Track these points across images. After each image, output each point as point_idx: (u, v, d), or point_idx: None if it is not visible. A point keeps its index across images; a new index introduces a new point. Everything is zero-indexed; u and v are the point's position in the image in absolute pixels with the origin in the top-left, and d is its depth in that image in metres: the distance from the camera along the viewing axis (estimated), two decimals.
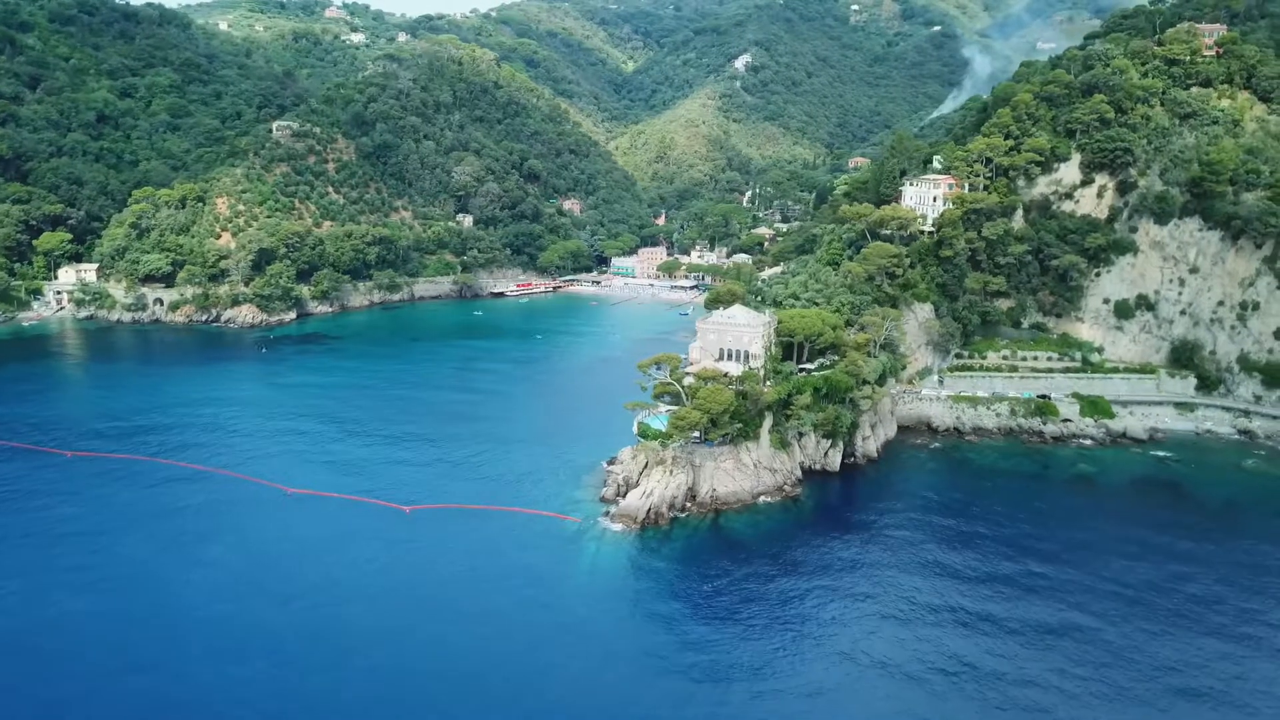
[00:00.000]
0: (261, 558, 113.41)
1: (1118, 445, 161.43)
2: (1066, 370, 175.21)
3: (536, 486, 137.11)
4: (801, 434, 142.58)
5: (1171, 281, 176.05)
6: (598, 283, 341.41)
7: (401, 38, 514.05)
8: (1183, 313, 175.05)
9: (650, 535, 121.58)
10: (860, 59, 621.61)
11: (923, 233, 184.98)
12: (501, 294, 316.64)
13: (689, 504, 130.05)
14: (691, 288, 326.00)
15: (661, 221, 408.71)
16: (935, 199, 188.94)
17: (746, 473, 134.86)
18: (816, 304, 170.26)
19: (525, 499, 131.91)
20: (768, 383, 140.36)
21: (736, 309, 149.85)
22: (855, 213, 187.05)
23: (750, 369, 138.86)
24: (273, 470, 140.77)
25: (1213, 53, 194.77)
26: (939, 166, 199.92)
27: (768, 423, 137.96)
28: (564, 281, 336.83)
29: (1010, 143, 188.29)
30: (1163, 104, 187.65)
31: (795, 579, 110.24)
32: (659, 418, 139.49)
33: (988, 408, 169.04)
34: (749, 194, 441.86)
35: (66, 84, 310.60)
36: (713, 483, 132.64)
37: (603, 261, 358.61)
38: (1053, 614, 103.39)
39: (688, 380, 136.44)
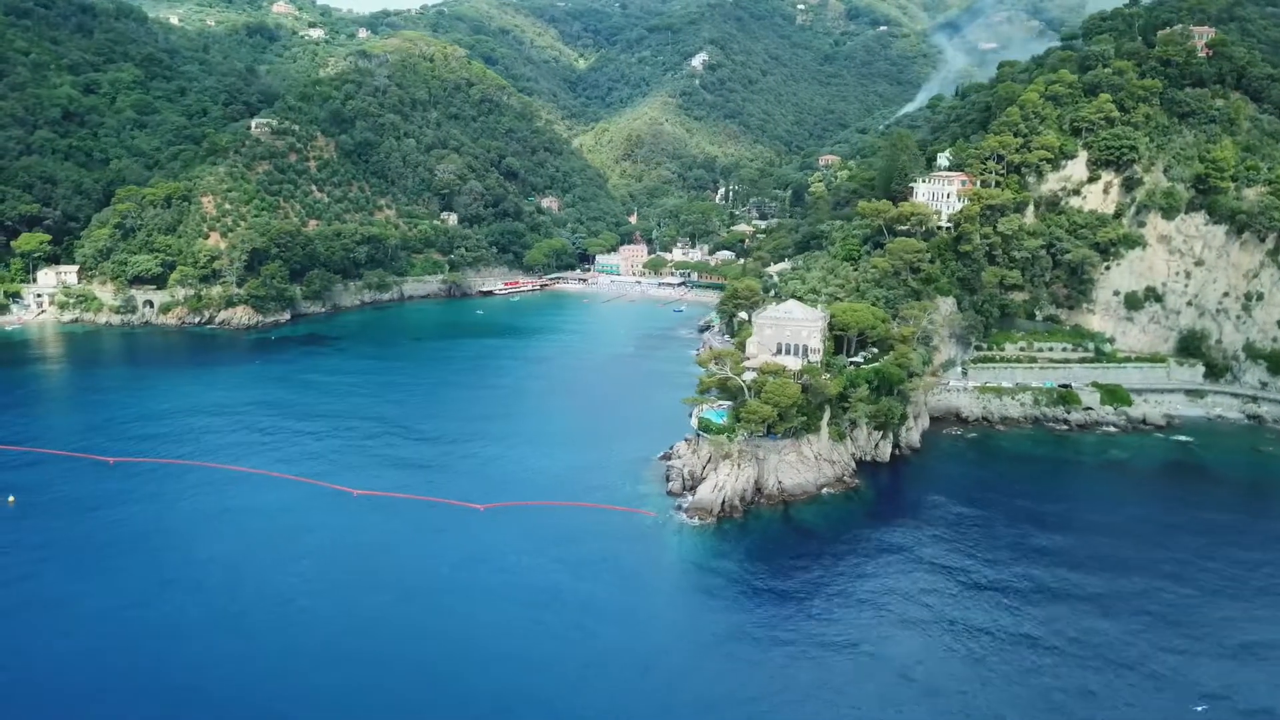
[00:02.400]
0: (356, 560, 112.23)
1: (1139, 431, 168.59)
2: (1082, 360, 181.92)
3: (598, 482, 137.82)
4: (854, 425, 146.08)
5: (1178, 274, 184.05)
6: (584, 280, 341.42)
7: (362, 34, 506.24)
8: (1189, 303, 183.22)
9: (728, 527, 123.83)
10: (811, 58, 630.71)
11: (939, 228, 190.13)
12: (490, 292, 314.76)
13: (758, 496, 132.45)
14: (679, 284, 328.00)
15: (634, 219, 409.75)
16: (949, 195, 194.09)
17: (809, 465, 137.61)
18: (839, 298, 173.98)
19: (593, 494, 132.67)
20: (825, 376, 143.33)
21: (792, 304, 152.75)
22: (874, 209, 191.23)
23: (810, 363, 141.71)
24: (330, 472, 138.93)
25: (1204, 54, 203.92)
26: (945, 164, 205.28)
27: (827, 415, 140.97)
28: (550, 279, 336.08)
29: (1019, 140, 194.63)
30: (1161, 103, 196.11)
31: (876, 564, 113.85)
32: (718, 412, 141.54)
33: (1012, 398, 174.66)
34: (721, 191, 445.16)
35: (28, 79, 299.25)
36: (778, 475, 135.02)
37: (585, 259, 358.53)
38: (1128, 574, 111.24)
39: (748, 375, 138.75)
